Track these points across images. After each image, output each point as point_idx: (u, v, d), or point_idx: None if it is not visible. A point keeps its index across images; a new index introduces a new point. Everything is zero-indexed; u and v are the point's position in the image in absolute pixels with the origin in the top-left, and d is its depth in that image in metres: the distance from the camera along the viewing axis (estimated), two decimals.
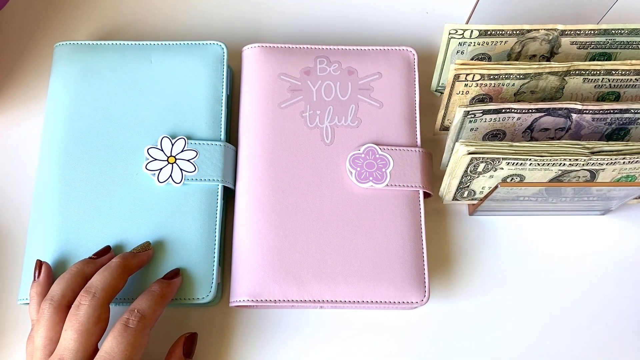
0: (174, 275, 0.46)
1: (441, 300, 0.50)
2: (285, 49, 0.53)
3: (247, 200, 0.48)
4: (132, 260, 0.45)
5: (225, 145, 0.50)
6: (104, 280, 0.42)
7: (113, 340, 0.40)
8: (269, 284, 0.46)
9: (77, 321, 0.40)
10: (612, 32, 0.48)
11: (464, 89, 0.47)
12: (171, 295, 0.45)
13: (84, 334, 0.40)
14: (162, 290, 0.44)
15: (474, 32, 0.47)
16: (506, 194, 0.47)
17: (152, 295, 0.43)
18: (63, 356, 0.40)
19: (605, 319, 0.50)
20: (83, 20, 0.58)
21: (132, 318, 0.41)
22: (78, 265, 0.44)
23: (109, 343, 0.40)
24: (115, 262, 0.44)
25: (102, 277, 0.42)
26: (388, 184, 0.49)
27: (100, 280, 0.42)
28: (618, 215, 0.53)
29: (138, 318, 0.41)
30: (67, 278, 0.43)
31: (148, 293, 0.43)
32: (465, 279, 0.51)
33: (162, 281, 0.45)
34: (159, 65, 0.52)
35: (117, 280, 0.43)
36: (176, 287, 0.45)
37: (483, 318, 0.50)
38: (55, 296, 0.42)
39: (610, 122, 0.47)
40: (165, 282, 0.45)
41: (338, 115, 0.51)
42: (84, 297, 0.41)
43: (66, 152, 0.49)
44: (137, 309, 0.42)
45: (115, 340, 0.40)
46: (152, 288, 0.44)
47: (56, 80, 0.51)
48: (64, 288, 0.43)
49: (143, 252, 0.46)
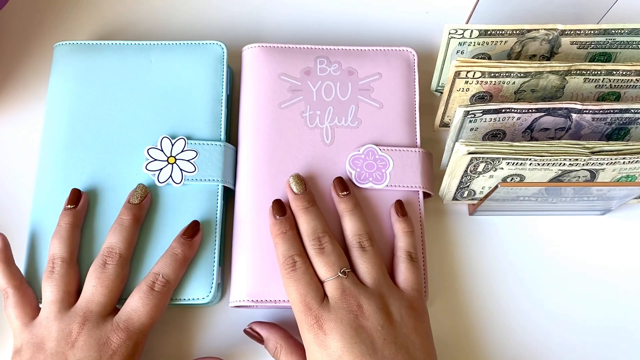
0: (194, 232, 0.46)
1: (441, 300, 0.50)
2: (285, 49, 0.52)
3: (247, 200, 0.48)
4: (140, 212, 0.46)
5: (225, 145, 0.50)
6: (124, 239, 0.45)
7: (139, 301, 0.43)
8: (269, 284, 0.46)
9: (107, 277, 0.43)
10: (612, 32, 0.48)
11: (464, 86, 0.47)
12: (192, 254, 0.46)
13: (113, 290, 0.43)
14: (185, 254, 0.45)
15: (474, 32, 0.47)
16: (506, 194, 0.47)
17: (175, 260, 0.45)
18: (91, 308, 0.42)
19: (605, 319, 0.50)
20: (83, 20, 0.58)
21: (158, 283, 0.43)
22: (65, 220, 0.46)
23: (135, 302, 0.43)
24: (127, 220, 0.45)
25: (121, 236, 0.45)
26: (388, 185, 0.49)
27: (119, 239, 0.45)
28: (618, 215, 0.53)
29: (163, 283, 0.44)
30: (63, 235, 0.45)
31: (171, 257, 0.45)
32: (465, 279, 0.51)
33: (183, 242, 0.45)
34: (159, 65, 0.52)
35: (133, 235, 0.46)
36: (197, 245, 0.47)
37: (483, 318, 0.50)
38: (65, 254, 0.44)
39: (610, 122, 0.47)
40: (187, 243, 0.46)
41: (338, 115, 0.51)
42: (109, 258, 0.44)
43: (66, 152, 0.49)
44: (162, 274, 0.44)
45: (142, 301, 0.43)
46: (175, 250, 0.45)
47: (56, 80, 0.51)
48: (66, 245, 0.45)
49: (145, 199, 0.47)
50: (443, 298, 0.50)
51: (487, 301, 0.50)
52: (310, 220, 0.45)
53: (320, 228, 0.45)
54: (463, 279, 0.51)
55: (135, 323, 0.42)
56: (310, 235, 0.44)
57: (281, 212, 0.46)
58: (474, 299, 0.50)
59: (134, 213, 0.46)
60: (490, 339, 0.49)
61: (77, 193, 0.47)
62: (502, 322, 0.50)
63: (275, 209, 0.46)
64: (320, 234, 0.44)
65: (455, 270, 0.51)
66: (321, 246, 0.44)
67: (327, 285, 0.43)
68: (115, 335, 0.42)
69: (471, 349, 0.49)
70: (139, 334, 0.43)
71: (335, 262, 0.43)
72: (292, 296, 0.43)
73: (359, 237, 0.45)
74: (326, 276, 0.43)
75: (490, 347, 0.49)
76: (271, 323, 0.46)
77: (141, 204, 0.47)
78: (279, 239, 0.45)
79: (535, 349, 0.49)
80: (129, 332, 0.42)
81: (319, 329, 0.41)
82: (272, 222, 0.46)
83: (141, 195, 0.47)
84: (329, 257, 0.43)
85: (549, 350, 0.49)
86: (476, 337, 0.49)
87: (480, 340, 0.49)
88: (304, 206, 0.46)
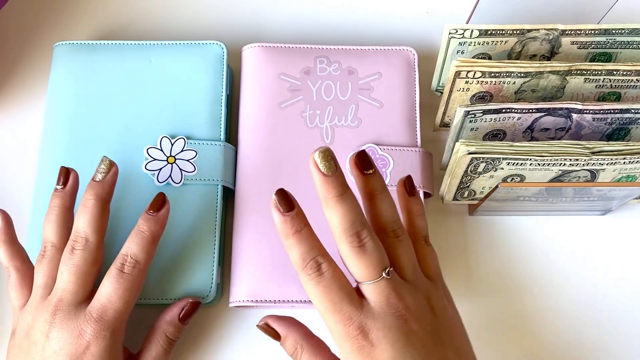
0: (159, 206, 0.43)
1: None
2: (285, 49, 0.52)
3: (247, 200, 0.48)
4: (104, 190, 0.43)
5: (225, 145, 0.50)
6: (90, 222, 0.42)
7: (110, 286, 0.40)
8: (269, 284, 0.46)
9: (74, 264, 0.41)
10: (612, 32, 0.48)
11: (464, 86, 0.47)
12: (162, 230, 0.43)
13: (83, 276, 0.41)
14: (152, 230, 0.42)
15: (474, 32, 0.47)
16: (506, 194, 0.47)
17: (142, 238, 0.42)
18: (62, 297, 0.40)
19: (605, 319, 0.50)
20: (83, 20, 0.58)
21: (127, 264, 0.41)
22: (55, 202, 0.43)
23: (106, 289, 0.41)
24: (90, 200, 0.42)
25: (85, 219, 0.42)
26: (388, 184, 0.48)
27: (85, 223, 0.42)
28: (618, 215, 0.53)
29: (132, 264, 0.41)
30: (54, 219, 0.43)
31: (138, 235, 0.42)
32: (465, 279, 0.50)
33: (149, 218, 0.43)
34: (159, 65, 0.52)
35: (101, 217, 0.42)
36: (165, 220, 0.43)
37: (483, 318, 0.50)
38: (55, 238, 0.43)
39: (610, 122, 0.47)
40: (152, 219, 0.43)
41: (338, 115, 0.51)
42: (77, 243, 0.41)
43: (66, 152, 0.49)
44: (130, 254, 0.41)
45: (112, 286, 0.40)
46: (141, 228, 0.42)
47: (56, 80, 0.51)
48: (56, 229, 0.43)
49: (109, 174, 0.43)
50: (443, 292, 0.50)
51: (487, 301, 0.50)
52: (347, 212, 0.36)
53: (359, 220, 0.36)
54: (463, 279, 0.50)
55: (108, 311, 0.40)
56: (348, 230, 0.36)
57: (290, 205, 0.37)
58: (474, 299, 0.50)
59: (96, 192, 0.42)
60: (490, 339, 0.49)
61: (66, 172, 0.44)
62: (501, 321, 0.49)
63: (282, 202, 0.37)
64: (359, 228, 0.36)
65: (455, 270, 0.51)
66: (361, 243, 0.36)
67: (366, 289, 0.36)
68: (89, 327, 0.40)
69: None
70: (115, 322, 0.40)
71: (378, 262, 0.36)
72: (323, 306, 0.36)
73: (392, 224, 0.38)
74: (367, 278, 0.36)
75: (490, 347, 0.49)
76: (289, 318, 0.41)
77: (104, 181, 0.43)
78: (293, 239, 0.36)
79: (535, 349, 0.49)
80: (104, 322, 0.40)
81: (364, 340, 0.35)
82: (281, 220, 0.36)
83: (104, 170, 0.43)
84: (371, 256, 0.36)
85: (549, 350, 0.49)
86: (476, 337, 0.49)
87: (480, 340, 0.49)
88: (337, 192, 0.36)
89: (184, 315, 0.44)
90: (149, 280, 0.46)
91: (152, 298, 0.46)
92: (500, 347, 0.49)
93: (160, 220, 0.43)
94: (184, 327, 0.45)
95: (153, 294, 0.46)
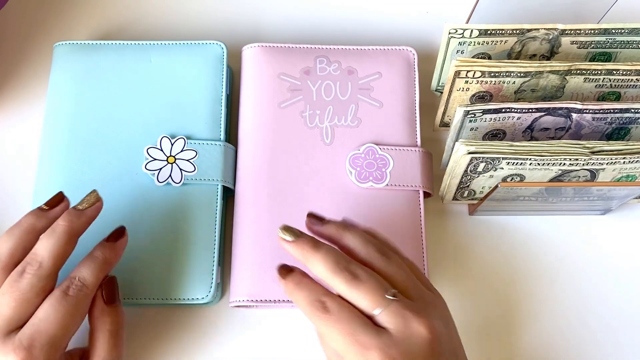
0: (118, 235, 0.42)
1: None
2: (285, 49, 0.52)
3: (247, 200, 0.48)
4: (80, 220, 0.40)
5: (225, 145, 0.50)
6: (51, 248, 0.38)
7: (50, 308, 0.37)
8: (269, 284, 0.46)
9: (18, 290, 0.37)
10: (612, 32, 0.48)
11: (464, 86, 0.47)
12: (116, 259, 0.41)
13: (23, 304, 0.37)
14: (105, 257, 0.40)
15: (474, 32, 0.47)
16: (506, 194, 0.47)
17: (94, 262, 0.39)
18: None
19: (605, 319, 0.50)
20: (83, 20, 0.58)
21: (73, 286, 0.38)
22: (29, 219, 0.40)
23: (45, 310, 0.37)
24: (61, 225, 0.39)
25: (48, 244, 0.38)
26: (388, 184, 0.48)
27: (46, 248, 0.38)
28: (618, 215, 0.53)
29: (79, 287, 0.38)
30: (17, 235, 0.39)
31: (91, 259, 0.40)
32: (465, 279, 0.50)
33: (105, 245, 0.41)
34: (159, 65, 0.52)
35: (65, 247, 0.39)
36: (122, 250, 0.41)
37: (483, 318, 0.50)
38: (3, 256, 0.38)
39: (610, 121, 0.47)
40: (109, 245, 0.41)
41: (338, 115, 0.51)
42: (29, 266, 0.38)
43: (66, 152, 0.49)
44: (78, 277, 0.38)
45: (52, 308, 0.37)
46: (95, 253, 0.40)
47: (56, 80, 0.51)
48: (13, 247, 0.39)
49: (91, 208, 0.41)
50: None
51: (487, 301, 0.50)
52: (326, 255, 0.37)
53: (341, 257, 0.37)
54: (463, 279, 0.50)
55: (42, 336, 0.36)
56: (335, 268, 0.36)
57: (286, 271, 0.38)
58: (474, 299, 0.50)
59: (71, 219, 0.39)
60: (489, 338, 0.49)
61: (59, 199, 0.42)
62: (501, 321, 0.49)
63: (283, 271, 0.38)
64: (344, 263, 0.36)
65: (455, 270, 0.51)
66: (353, 275, 0.35)
67: (381, 318, 0.35)
68: (15, 356, 0.35)
69: (471, 348, 0.49)
70: (50, 351, 0.36)
71: (377, 286, 0.35)
72: (338, 342, 0.34)
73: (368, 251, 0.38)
74: (374, 305, 0.35)
75: (490, 346, 0.49)
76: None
77: (84, 212, 0.40)
78: (295, 293, 0.37)
79: (534, 349, 0.49)
80: (34, 351, 0.35)
81: None
82: (284, 284, 0.38)
83: (88, 201, 0.41)
84: (368, 282, 0.35)
85: (550, 349, 0.49)
86: (475, 337, 0.49)
87: (479, 339, 0.49)
88: (311, 245, 0.37)
89: (106, 297, 0.41)
90: (149, 280, 0.46)
91: (152, 298, 0.46)
92: (499, 347, 0.49)
93: (116, 248, 0.41)
94: (118, 311, 0.41)
95: (153, 294, 0.46)
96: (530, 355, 0.49)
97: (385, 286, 0.35)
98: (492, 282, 0.51)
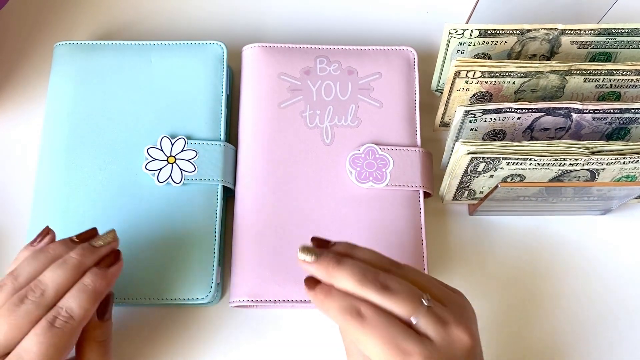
0: (112, 261, 0.40)
1: None
2: (285, 49, 0.52)
3: (247, 200, 0.48)
4: (92, 258, 0.39)
5: (225, 145, 0.50)
6: (57, 280, 0.37)
7: (34, 338, 0.35)
8: (269, 284, 0.46)
9: (14, 315, 0.36)
10: (612, 32, 0.48)
11: (464, 86, 0.47)
12: (107, 287, 0.39)
13: (15, 330, 0.36)
14: (95, 286, 0.38)
15: (474, 32, 0.47)
16: (506, 194, 0.47)
17: (84, 293, 0.38)
18: None
19: (605, 319, 0.50)
20: (83, 20, 0.58)
21: (60, 317, 0.36)
22: (57, 247, 0.39)
23: (30, 341, 0.36)
24: (74, 259, 0.38)
25: (55, 274, 0.38)
26: (388, 184, 0.48)
27: (52, 278, 0.37)
28: (618, 215, 0.53)
29: (66, 318, 0.36)
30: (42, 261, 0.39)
31: (80, 289, 0.38)
32: (465, 279, 0.50)
33: (97, 273, 0.39)
34: (159, 65, 0.52)
35: (71, 280, 0.38)
36: (114, 278, 0.40)
37: (483, 318, 0.50)
38: (21, 277, 0.38)
39: (610, 121, 0.47)
40: (100, 273, 0.39)
41: (338, 115, 0.51)
42: (31, 292, 0.37)
43: (66, 152, 0.49)
44: (65, 308, 0.37)
45: (37, 339, 0.35)
46: (85, 281, 0.38)
47: (56, 80, 0.51)
48: (34, 272, 0.38)
49: (107, 247, 0.40)
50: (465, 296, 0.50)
51: (487, 301, 0.50)
52: (352, 269, 0.35)
53: (368, 269, 0.36)
54: (463, 279, 0.50)
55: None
56: (362, 280, 0.35)
57: (314, 282, 0.37)
58: (474, 299, 0.50)
59: (84, 253, 0.39)
60: (489, 338, 0.49)
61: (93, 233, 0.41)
62: (501, 321, 0.49)
63: (310, 282, 0.37)
64: (372, 274, 0.35)
65: (455, 270, 0.51)
66: (384, 284, 0.35)
67: (420, 325, 0.34)
68: None
69: None
70: None
71: (411, 292, 0.34)
72: (376, 349, 0.33)
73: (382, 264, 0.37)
74: (412, 311, 0.34)
75: (490, 346, 0.49)
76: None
77: (99, 249, 0.40)
78: (327, 302, 0.36)
79: (534, 348, 0.49)
80: None
81: None
82: (313, 295, 0.37)
83: (105, 240, 0.40)
84: (401, 290, 0.34)
85: (550, 349, 0.49)
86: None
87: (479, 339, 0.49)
88: (334, 263, 0.36)
89: (100, 313, 0.40)
90: (149, 280, 0.46)
91: (152, 298, 0.46)
92: (499, 347, 0.49)
93: (108, 277, 0.39)
94: (108, 323, 0.41)
95: (153, 294, 0.46)
96: (530, 354, 0.49)
97: (418, 293, 0.35)
98: (492, 282, 0.51)
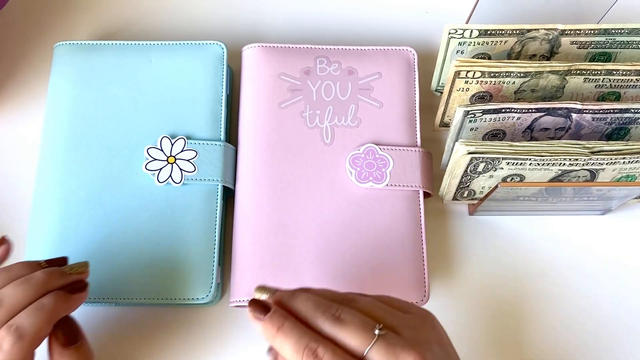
0: (78, 289, 0.38)
1: (441, 300, 0.50)
2: (285, 49, 0.52)
3: (247, 200, 0.48)
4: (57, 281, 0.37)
5: (225, 145, 0.50)
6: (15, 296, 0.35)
7: None
8: (269, 283, 0.46)
9: None
10: (612, 32, 0.48)
11: (464, 86, 0.47)
12: (67, 312, 0.37)
13: None
14: (54, 307, 0.35)
15: (474, 32, 0.47)
16: (506, 194, 0.47)
17: (40, 312, 0.35)
18: None
19: (605, 318, 0.50)
20: (83, 20, 0.58)
21: (8, 337, 0.33)
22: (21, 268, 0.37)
23: None
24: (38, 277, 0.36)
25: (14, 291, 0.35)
26: (388, 184, 0.48)
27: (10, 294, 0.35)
28: (618, 215, 0.53)
29: (14, 339, 0.33)
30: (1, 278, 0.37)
31: (37, 308, 0.35)
32: (465, 279, 0.51)
33: (59, 295, 0.36)
34: (159, 65, 0.52)
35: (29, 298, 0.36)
36: (77, 305, 0.37)
37: (483, 318, 0.50)
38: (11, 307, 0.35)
39: (610, 121, 0.47)
40: (63, 296, 0.37)
41: (338, 115, 0.51)
42: None
43: (66, 152, 0.49)
44: (16, 326, 0.34)
45: None
46: (44, 301, 0.35)
47: (56, 80, 0.52)
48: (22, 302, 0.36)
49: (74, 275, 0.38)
50: (442, 298, 0.50)
51: (487, 301, 0.50)
52: (306, 301, 0.35)
53: (322, 301, 0.35)
54: (463, 279, 0.51)
55: None
56: (316, 311, 0.34)
57: (264, 308, 0.35)
58: (474, 299, 0.50)
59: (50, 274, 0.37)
60: (489, 338, 0.49)
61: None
62: (501, 322, 0.49)
63: (257, 309, 0.35)
64: (326, 305, 0.34)
65: (455, 270, 0.51)
66: (336, 316, 0.34)
67: (373, 355, 0.32)
68: None
69: (470, 348, 0.49)
70: None
71: (363, 324, 0.33)
72: None
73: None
74: (364, 344, 0.33)
75: (490, 346, 0.49)
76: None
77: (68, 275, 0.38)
78: (279, 338, 0.33)
79: (535, 348, 0.49)
80: None
81: None
82: (262, 326, 0.34)
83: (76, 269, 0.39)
84: (353, 322, 0.33)
85: (550, 349, 0.49)
86: (475, 337, 0.49)
87: (479, 339, 0.49)
88: (289, 294, 0.35)
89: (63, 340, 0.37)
90: (149, 280, 0.46)
91: (152, 298, 0.46)
92: (500, 346, 0.49)
93: (71, 302, 0.37)
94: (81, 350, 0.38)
95: (153, 294, 0.46)
96: (531, 354, 0.49)
97: (371, 323, 0.33)
98: (492, 282, 0.51)
